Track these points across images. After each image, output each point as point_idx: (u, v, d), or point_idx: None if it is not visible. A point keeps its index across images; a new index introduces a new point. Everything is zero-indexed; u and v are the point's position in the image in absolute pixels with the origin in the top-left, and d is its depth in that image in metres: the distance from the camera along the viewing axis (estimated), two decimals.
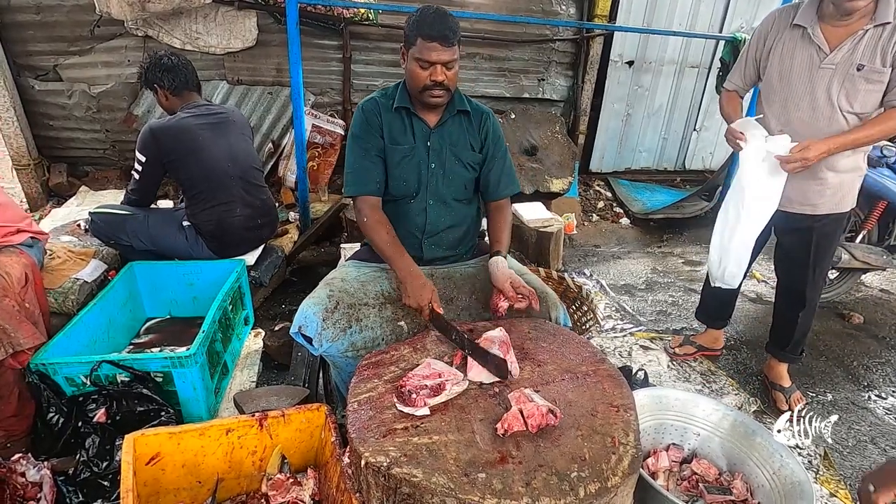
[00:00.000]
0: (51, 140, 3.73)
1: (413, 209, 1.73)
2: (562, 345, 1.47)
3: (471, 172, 1.76)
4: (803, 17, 1.84)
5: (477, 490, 0.99)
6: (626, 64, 4.46)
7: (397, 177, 1.70)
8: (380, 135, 1.68)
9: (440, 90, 1.57)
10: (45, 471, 1.51)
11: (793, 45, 1.86)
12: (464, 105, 1.72)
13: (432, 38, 1.49)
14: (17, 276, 1.63)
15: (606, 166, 4.88)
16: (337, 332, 1.51)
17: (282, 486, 1.41)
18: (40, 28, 3.40)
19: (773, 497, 1.51)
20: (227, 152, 2.33)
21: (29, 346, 1.59)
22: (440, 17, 1.51)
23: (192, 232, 2.36)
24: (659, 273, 3.56)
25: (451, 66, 1.56)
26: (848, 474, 1.93)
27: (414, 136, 1.69)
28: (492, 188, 1.78)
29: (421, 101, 1.62)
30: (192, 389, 1.77)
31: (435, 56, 1.51)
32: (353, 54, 3.83)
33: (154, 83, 2.27)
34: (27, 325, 1.59)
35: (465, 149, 1.73)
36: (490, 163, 1.76)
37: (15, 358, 1.57)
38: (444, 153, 1.71)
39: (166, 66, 2.24)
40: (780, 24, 1.91)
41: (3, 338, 1.52)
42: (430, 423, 1.16)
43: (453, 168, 1.72)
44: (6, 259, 1.64)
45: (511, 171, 1.81)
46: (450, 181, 1.73)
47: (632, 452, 1.11)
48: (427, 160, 1.70)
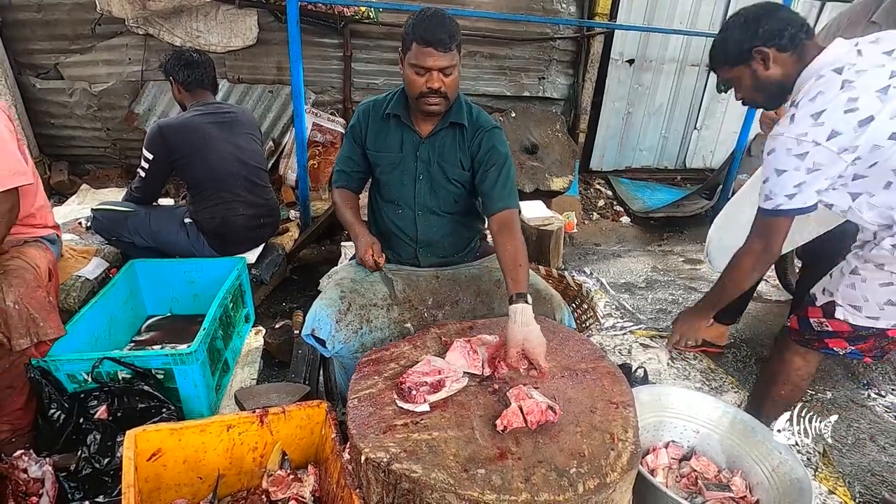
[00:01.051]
0: (52, 138, 3.74)
1: (403, 218, 1.73)
2: (561, 342, 1.48)
3: (458, 189, 1.69)
4: (884, 15, 1.88)
5: (476, 486, 1.00)
6: (627, 62, 4.46)
7: (387, 181, 1.70)
8: (360, 142, 1.70)
9: (437, 97, 1.50)
10: (46, 467, 1.52)
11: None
12: (461, 118, 1.61)
13: (428, 42, 1.42)
14: (45, 269, 1.67)
15: (607, 165, 4.88)
16: (349, 334, 1.51)
17: (282, 482, 1.42)
18: (41, 26, 3.40)
19: (771, 494, 1.51)
20: (233, 151, 2.35)
21: (53, 337, 1.63)
22: (437, 20, 1.44)
23: (193, 229, 2.37)
24: (659, 271, 3.56)
25: (450, 72, 1.48)
26: (847, 472, 1.94)
27: (402, 146, 1.65)
28: (485, 200, 1.63)
29: (417, 108, 1.56)
30: (193, 386, 1.77)
31: (431, 62, 1.44)
32: (354, 53, 3.83)
33: (171, 74, 2.33)
34: (54, 316, 1.63)
35: (454, 164, 1.65)
36: (483, 175, 1.62)
37: (37, 348, 1.61)
38: (433, 166, 1.65)
39: (185, 62, 2.29)
40: (858, 19, 1.95)
41: (32, 327, 1.56)
42: (429, 420, 1.16)
43: (441, 182, 1.67)
44: (36, 252, 1.68)
45: (509, 185, 1.62)
46: (437, 194, 1.69)
47: (630, 449, 1.11)
48: (415, 171, 1.66)
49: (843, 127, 1.23)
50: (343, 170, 1.77)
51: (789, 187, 1.31)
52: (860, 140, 1.23)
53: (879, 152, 1.23)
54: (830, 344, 1.55)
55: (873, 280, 1.40)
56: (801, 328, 1.60)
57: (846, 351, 1.54)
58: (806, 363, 1.66)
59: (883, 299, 1.40)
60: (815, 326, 1.55)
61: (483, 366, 1.34)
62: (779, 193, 1.33)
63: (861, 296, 1.43)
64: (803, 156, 1.28)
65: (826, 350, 1.58)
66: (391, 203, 1.73)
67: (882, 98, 1.22)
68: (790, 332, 1.65)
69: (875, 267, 1.39)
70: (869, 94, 1.22)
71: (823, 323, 1.53)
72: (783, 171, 1.31)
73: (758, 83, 1.41)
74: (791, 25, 1.33)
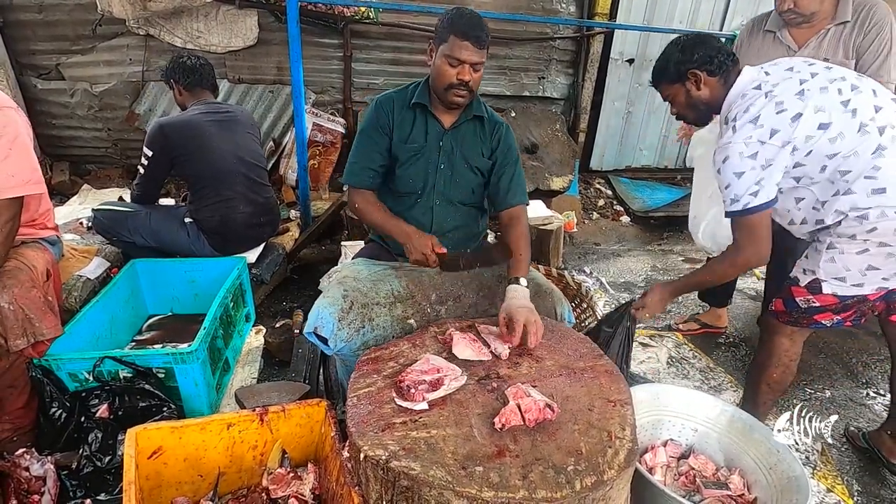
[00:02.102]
0: (53, 139, 3.75)
1: (419, 208, 1.75)
2: (560, 340, 1.48)
3: (479, 177, 1.76)
4: (772, 23, 2.09)
5: (474, 483, 1.01)
6: (627, 62, 4.46)
7: (404, 174, 1.71)
8: (388, 133, 1.69)
9: (464, 90, 1.58)
10: (48, 465, 1.53)
11: (766, 48, 2.10)
12: (481, 111, 1.73)
13: (466, 36, 1.51)
14: (41, 270, 1.67)
15: (607, 164, 4.89)
16: (352, 333, 1.52)
17: (282, 480, 1.42)
18: (43, 27, 3.41)
19: (770, 492, 1.52)
20: (233, 149, 2.37)
21: (50, 337, 1.63)
22: (476, 18, 1.54)
23: (193, 228, 2.38)
24: (659, 271, 3.57)
25: (478, 68, 1.58)
26: (846, 470, 1.94)
27: (426, 136, 1.70)
28: (500, 196, 1.76)
29: (443, 99, 1.63)
30: (194, 385, 1.78)
31: (466, 55, 1.53)
32: (354, 53, 3.84)
33: (171, 78, 2.40)
34: (50, 316, 1.63)
35: (476, 153, 1.74)
36: (500, 170, 1.75)
37: (35, 348, 1.61)
38: (455, 155, 1.72)
39: (185, 65, 2.38)
40: (754, 32, 2.18)
41: (28, 327, 1.56)
42: (428, 418, 1.17)
43: (462, 171, 1.73)
44: (32, 253, 1.69)
45: (521, 182, 1.78)
46: (457, 184, 1.74)
47: (628, 446, 1.12)
48: (437, 161, 1.71)
49: (779, 125, 1.43)
50: (368, 167, 1.70)
51: (751, 185, 1.47)
52: (796, 133, 1.42)
53: (811, 142, 1.43)
54: (818, 318, 1.64)
55: (850, 251, 1.50)
56: (787, 309, 1.68)
57: (832, 322, 1.64)
58: (792, 343, 1.75)
59: (863, 266, 1.51)
60: (801, 305, 1.64)
61: (492, 351, 1.39)
62: (743, 193, 1.48)
63: (842, 267, 1.53)
64: (754, 155, 1.46)
65: (815, 325, 1.68)
66: (406, 196, 1.75)
67: (801, 98, 1.43)
68: (777, 314, 1.73)
69: (848, 239, 1.49)
70: (790, 98, 1.44)
71: (810, 300, 1.62)
72: (741, 172, 1.47)
73: (690, 101, 1.64)
74: (720, 54, 1.56)
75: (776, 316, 1.73)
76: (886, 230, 1.42)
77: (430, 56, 1.62)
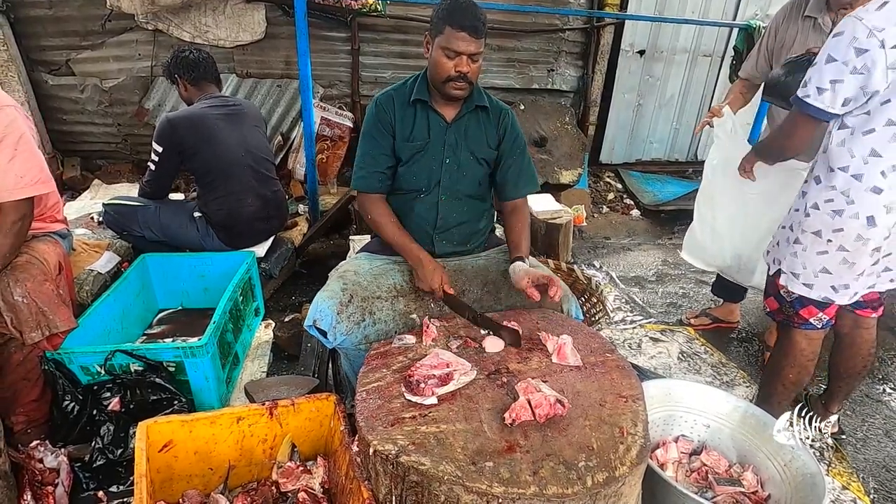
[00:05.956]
0: (64, 134, 3.78)
1: (424, 204, 1.72)
2: (570, 335, 1.46)
3: (486, 168, 1.74)
4: (813, 8, 1.92)
5: (485, 478, 1.00)
6: (638, 53, 4.40)
7: (408, 172, 1.69)
8: (391, 132, 1.66)
9: (463, 82, 1.55)
10: (61, 457, 1.55)
11: (804, 36, 1.93)
12: (483, 101, 1.69)
13: (462, 27, 1.47)
14: (53, 263, 1.69)
15: (617, 157, 4.83)
16: (351, 326, 1.52)
17: (292, 473, 1.43)
18: (53, 23, 3.43)
19: (783, 489, 1.50)
20: (240, 142, 2.37)
21: (63, 330, 1.65)
22: (472, 8, 1.49)
23: (202, 223, 2.39)
24: (669, 265, 3.53)
25: (477, 58, 1.54)
26: (861, 467, 1.92)
27: (429, 132, 1.67)
28: (509, 187, 1.74)
29: (442, 92, 1.60)
30: (204, 379, 1.79)
31: (463, 46, 1.49)
32: (362, 46, 3.82)
33: (175, 74, 2.38)
34: (63, 309, 1.65)
35: (482, 144, 1.71)
36: (507, 160, 1.73)
37: (50, 341, 1.63)
38: (460, 149, 1.69)
39: (187, 59, 2.36)
40: (792, 16, 2.00)
41: (42, 320, 1.58)
42: (437, 413, 1.16)
43: (468, 164, 1.71)
44: (44, 247, 1.71)
45: (530, 170, 1.77)
46: (464, 177, 1.72)
47: (640, 442, 1.10)
48: (442, 155, 1.68)
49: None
50: (376, 171, 1.67)
51: (825, 80, 1.32)
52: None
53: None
54: (803, 314, 1.62)
55: (812, 249, 1.50)
56: (780, 305, 1.67)
57: (822, 323, 1.62)
58: (809, 343, 1.71)
59: (818, 267, 1.50)
60: (786, 298, 1.64)
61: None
62: (814, 83, 1.35)
63: (800, 263, 1.54)
64: (861, 52, 1.25)
65: (805, 325, 1.65)
66: (410, 192, 1.72)
67: None
68: (773, 313, 1.72)
69: (813, 235, 1.48)
70: None
71: (791, 292, 1.62)
72: (833, 59, 1.30)
73: None
74: None
75: (772, 315, 1.72)
76: (850, 233, 1.41)
77: (427, 48, 1.58)
